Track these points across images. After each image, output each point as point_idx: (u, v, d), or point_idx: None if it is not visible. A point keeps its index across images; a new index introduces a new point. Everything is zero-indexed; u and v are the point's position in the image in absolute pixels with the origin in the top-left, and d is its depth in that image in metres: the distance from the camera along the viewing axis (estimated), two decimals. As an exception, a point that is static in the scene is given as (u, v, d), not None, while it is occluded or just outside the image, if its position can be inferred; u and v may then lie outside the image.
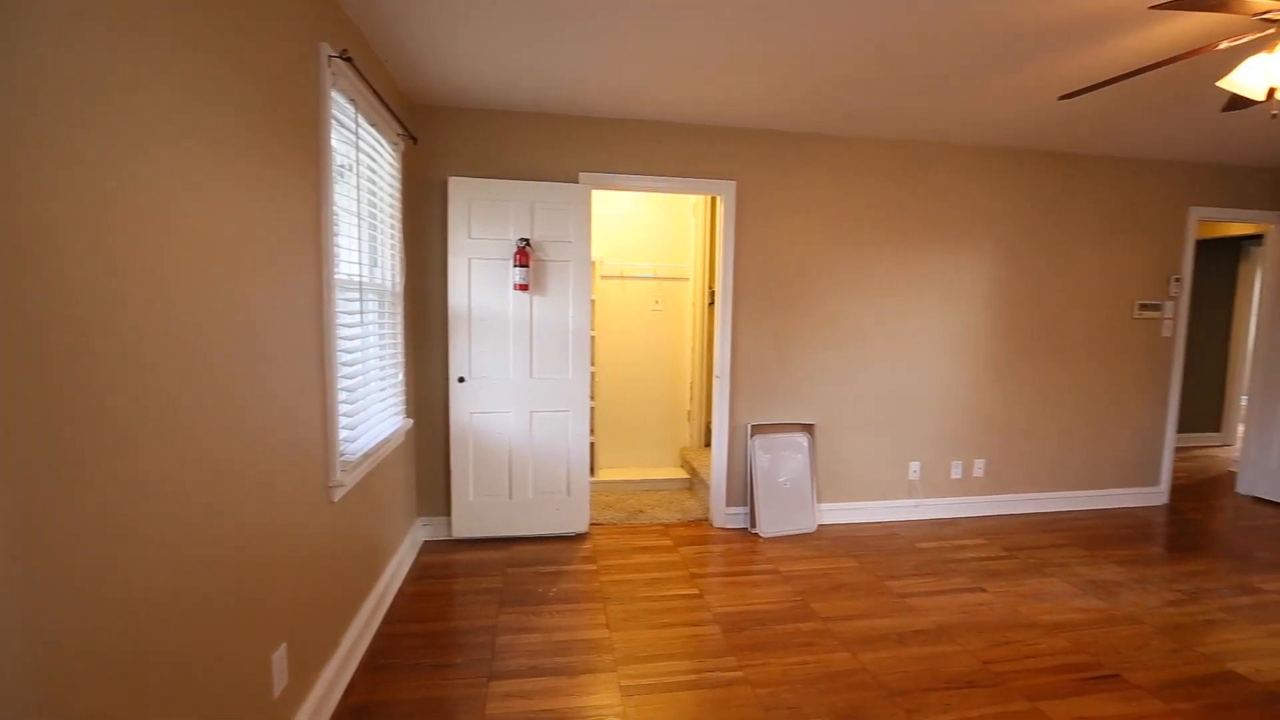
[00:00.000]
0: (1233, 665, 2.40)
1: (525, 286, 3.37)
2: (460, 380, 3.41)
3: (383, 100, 2.56)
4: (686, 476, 4.66)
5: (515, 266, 3.34)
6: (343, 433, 2.23)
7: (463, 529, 3.49)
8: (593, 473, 4.52)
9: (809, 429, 3.86)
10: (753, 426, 3.77)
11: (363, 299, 2.48)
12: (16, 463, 0.89)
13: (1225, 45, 1.90)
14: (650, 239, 4.80)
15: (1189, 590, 3.05)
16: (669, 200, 4.80)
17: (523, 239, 3.37)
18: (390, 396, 2.88)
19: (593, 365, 4.37)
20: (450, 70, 2.85)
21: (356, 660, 2.32)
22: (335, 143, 2.15)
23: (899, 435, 4.00)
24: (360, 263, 2.45)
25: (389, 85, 2.88)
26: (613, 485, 4.53)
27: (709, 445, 4.79)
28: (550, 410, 3.53)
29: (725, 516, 3.83)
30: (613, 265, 4.73)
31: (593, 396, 4.53)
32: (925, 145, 3.85)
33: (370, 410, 2.59)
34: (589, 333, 3.55)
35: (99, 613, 1.05)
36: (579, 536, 3.63)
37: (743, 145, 3.65)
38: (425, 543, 3.49)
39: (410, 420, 3.23)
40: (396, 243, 3.00)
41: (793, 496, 3.77)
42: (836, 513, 3.94)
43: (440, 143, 3.37)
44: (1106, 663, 2.41)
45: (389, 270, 2.90)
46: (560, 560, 3.30)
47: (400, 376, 3.05)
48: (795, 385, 3.84)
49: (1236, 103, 2.20)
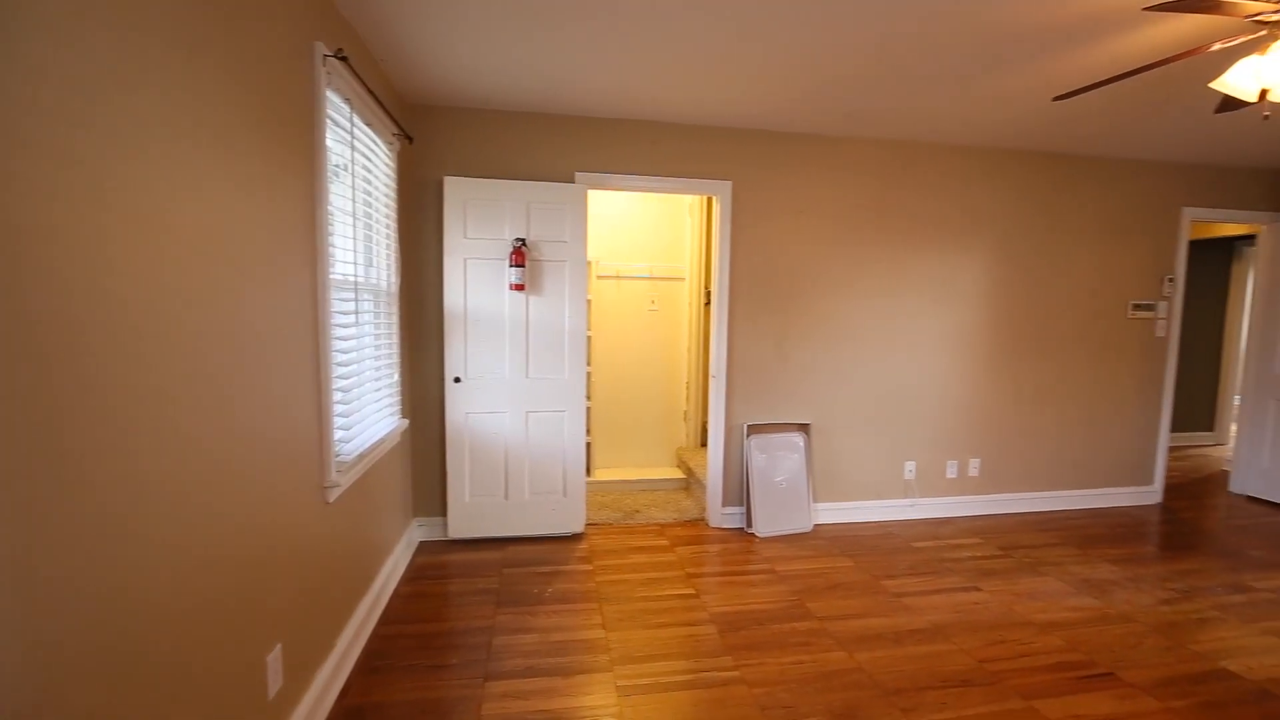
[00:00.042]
0: (1225, 663, 2.41)
1: (521, 286, 3.37)
2: (456, 380, 3.41)
3: (378, 100, 2.56)
4: (683, 476, 4.66)
5: (511, 266, 3.34)
6: (338, 433, 2.22)
7: (459, 529, 3.48)
8: (589, 473, 4.52)
9: (805, 429, 3.86)
10: (749, 426, 3.77)
11: (358, 299, 2.48)
12: (16, 462, 0.89)
13: (1218, 47, 1.92)
14: (646, 239, 4.80)
15: (1182, 589, 3.07)
16: (665, 200, 4.80)
17: (519, 239, 3.37)
18: (385, 397, 2.88)
19: (589, 365, 4.36)
20: (446, 70, 2.84)
21: (352, 661, 2.31)
22: (330, 142, 2.15)
23: (894, 435, 4.01)
24: (355, 262, 2.45)
25: (384, 85, 2.88)
26: (609, 485, 4.52)
27: (705, 445, 4.78)
28: (546, 410, 3.52)
29: (721, 516, 3.84)
30: (609, 265, 4.73)
31: (589, 397, 4.52)
32: (920, 145, 3.86)
33: (365, 411, 2.58)
34: (585, 333, 3.55)
35: (97, 612, 1.05)
36: (575, 537, 3.63)
37: (739, 145, 3.65)
38: (421, 543, 3.48)
39: (406, 421, 3.22)
40: (392, 243, 2.99)
41: (788, 496, 3.78)
42: (832, 512, 3.95)
43: (436, 142, 3.37)
44: (1101, 661, 2.42)
45: (384, 270, 2.89)
46: (556, 560, 3.29)
47: (395, 377, 3.05)
48: (791, 385, 3.85)
49: (1229, 104, 2.21)
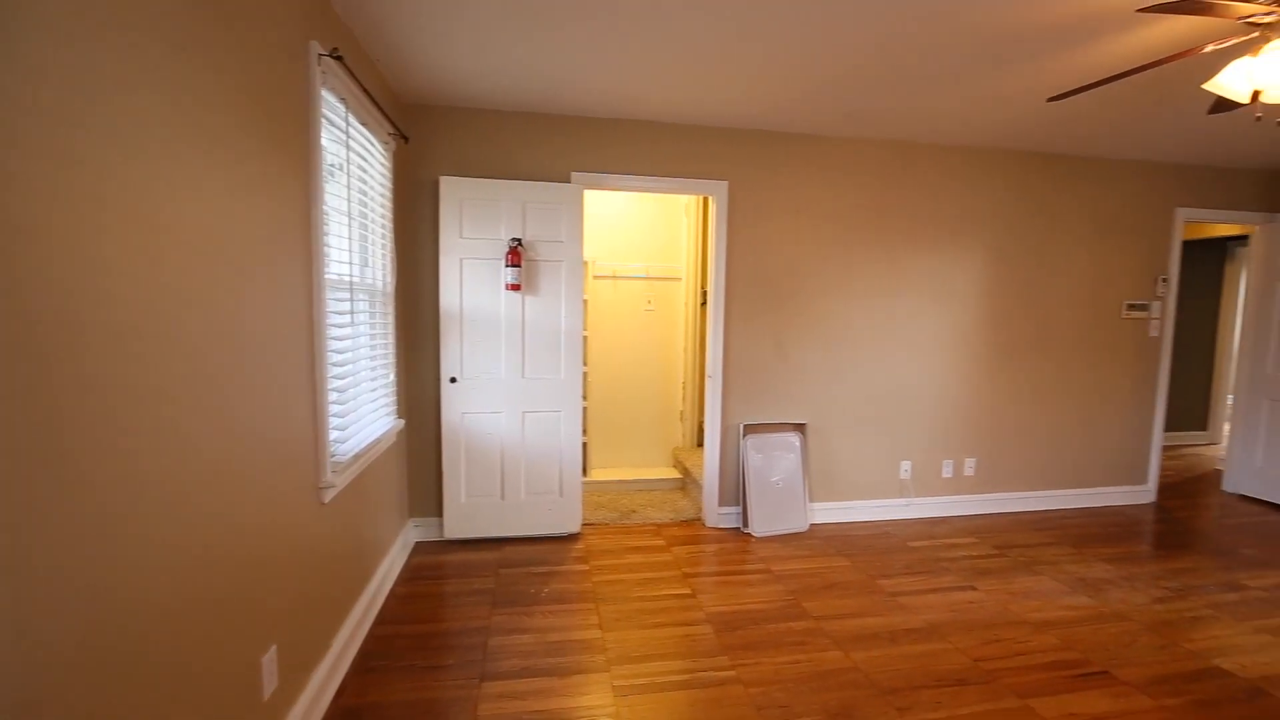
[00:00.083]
0: (1219, 661, 2.43)
1: (517, 286, 3.36)
2: (452, 380, 3.40)
3: (374, 99, 2.55)
4: (679, 476, 4.66)
5: (507, 266, 3.33)
6: (333, 433, 2.22)
7: (455, 530, 3.48)
8: (585, 473, 4.52)
9: (801, 428, 3.87)
10: (745, 426, 3.78)
11: (353, 299, 2.47)
12: (15, 462, 0.89)
13: (1211, 48, 1.93)
14: (643, 239, 4.80)
15: (1176, 587, 3.08)
16: (662, 200, 4.80)
17: (515, 239, 3.36)
18: (381, 397, 2.87)
19: (585, 365, 4.36)
20: (443, 70, 2.83)
21: (348, 662, 2.31)
22: (326, 142, 2.14)
23: (890, 434, 4.02)
24: (351, 262, 2.44)
25: (380, 84, 2.87)
26: (605, 485, 4.52)
27: (701, 445, 4.79)
28: (542, 410, 3.52)
29: (718, 516, 3.84)
30: (605, 265, 4.72)
31: (585, 397, 4.53)
32: (916, 146, 3.87)
33: (361, 411, 2.58)
34: (581, 333, 3.55)
35: (95, 612, 1.05)
36: (571, 537, 3.63)
37: (735, 145, 3.65)
38: (417, 544, 3.47)
39: (402, 421, 3.21)
40: (388, 242, 2.99)
41: (785, 496, 3.78)
42: (828, 512, 3.96)
43: (432, 142, 3.36)
44: (1095, 659, 2.43)
45: (380, 270, 2.89)
46: (553, 561, 3.29)
47: (391, 377, 3.04)
48: (787, 385, 3.86)
49: (1222, 105, 2.22)
